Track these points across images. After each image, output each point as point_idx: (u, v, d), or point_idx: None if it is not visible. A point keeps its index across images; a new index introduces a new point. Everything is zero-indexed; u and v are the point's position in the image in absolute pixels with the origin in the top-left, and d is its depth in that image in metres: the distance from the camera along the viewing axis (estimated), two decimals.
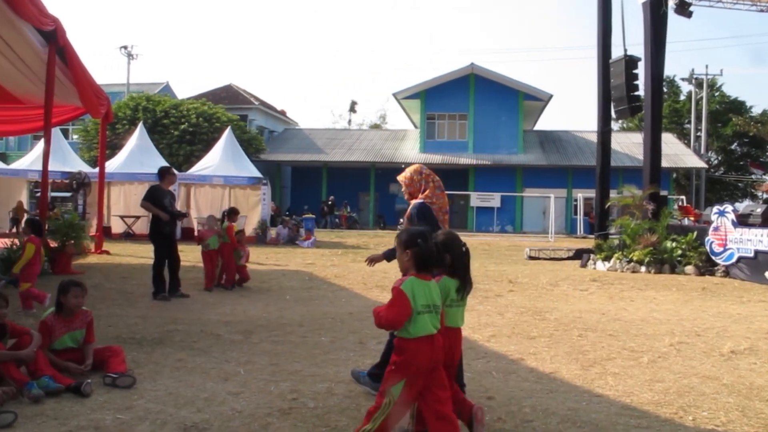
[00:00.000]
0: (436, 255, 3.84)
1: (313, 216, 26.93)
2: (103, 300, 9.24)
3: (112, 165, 22.01)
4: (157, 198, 9.64)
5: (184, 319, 7.98)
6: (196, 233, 22.10)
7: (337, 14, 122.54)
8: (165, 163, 17.55)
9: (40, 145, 16.70)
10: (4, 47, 11.39)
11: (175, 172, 10.55)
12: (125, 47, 46.00)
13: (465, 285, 4.15)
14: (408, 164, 5.51)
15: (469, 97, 40.05)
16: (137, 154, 22.82)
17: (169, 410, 4.52)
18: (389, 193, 41.31)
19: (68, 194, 23.17)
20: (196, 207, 23.10)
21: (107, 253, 16.04)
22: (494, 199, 37.97)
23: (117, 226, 22.66)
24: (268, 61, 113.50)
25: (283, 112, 51.69)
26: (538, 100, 40.85)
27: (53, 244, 12.23)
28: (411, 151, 40.54)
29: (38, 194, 16.93)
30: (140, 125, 25.38)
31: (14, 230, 20.84)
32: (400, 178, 5.26)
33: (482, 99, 39.75)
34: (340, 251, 19.51)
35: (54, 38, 11.25)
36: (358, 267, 14.77)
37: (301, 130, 47.30)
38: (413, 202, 5.13)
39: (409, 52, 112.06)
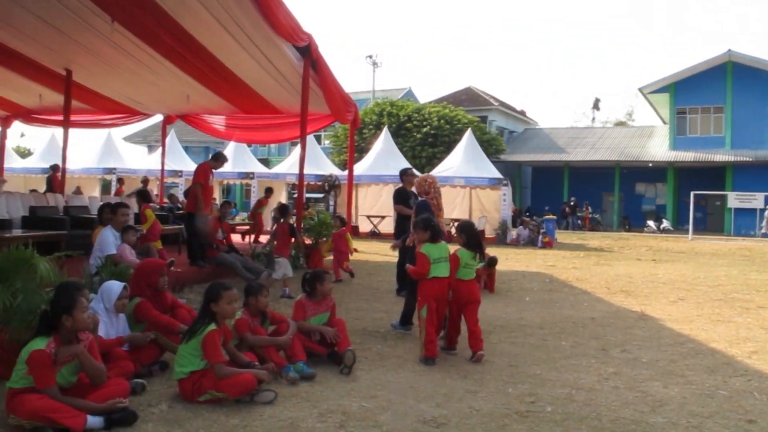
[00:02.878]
0: (438, 230, 6.36)
1: (554, 217, 26.34)
2: (350, 294, 9.82)
3: (359, 168, 23.27)
4: (404, 199, 10.02)
5: None
6: (445, 233, 22.77)
7: (577, 10, 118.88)
8: (409, 165, 18.21)
9: (297, 150, 18.15)
10: (266, 63, 12.62)
11: (415, 173, 10.88)
12: (370, 56, 48.53)
13: (476, 254, 6.39)
14: (656, 162, 5.27)
15: (726, 87, 36.48)
16: (383, 157, 23.94)
17: (409, 402, 4.69)
18: (635, 194, 39.17)
19: (321, 195, 24.90)
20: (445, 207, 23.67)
21: (355, 250, 16.96)
22: (757, 200, 34.17)
23: (364, 225, 23.93)
24: (507, 62, 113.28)
25: (522, 112, 51.21)
26: None
27: (308, 241, 13.19)
28: (659, 148, 37.92)
29: (295, 195, 18.43)
30: (385, 129, 26.58)
31: (275, 228, 22.80)
32: (416, 181, 8.18)
33: (742, 89, 35.97)
34: (582, 254, 18.88)
35: (308, 53, 12.20)
36: (601, 270, 14.20)
37: (541, 130, 46.52)
38: (420, 198, 7.83)
39: (657, 44, 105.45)
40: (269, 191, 19.21)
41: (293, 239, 10.92)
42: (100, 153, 26.31)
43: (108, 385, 4.24)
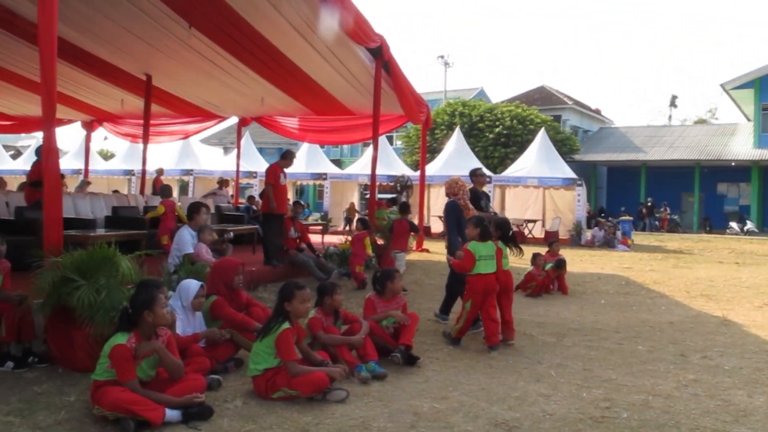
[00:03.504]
0: (488, 230, 6.73)
1: (631, 218, 25.67)
2: (422, 294, 9.81)
3: (431, 168, 23.21)
4: (474, 200, 9.94)
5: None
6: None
7: (655, 5, 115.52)
8: (480, 165, 18.10)
9: (369, 151, 18.25)
10: (338, 65, 12.75)
11: (485, 173, 10.78)
12: (442, 56, 48.40)
13: (511, 248, 7.03)
14: (739, 161, 5.09)
15: None
16: (455, 158, 23.84)
17: (481, 405, 4.65)
18: (717, 194, 37.74)
19: (392, 196, 24.98)
20: (510, 208, 23.45)
21: (427, 251, 16.95)
22: None
23: (436, 226, 23.87)
24: (581, 60, 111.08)
25: (597, 111, 50.08)
26: None
27: (380, 241, 13.24)
28: (743, 146, 36.35)
29: (367, 196, 18.52)
30: (457, 130, 26.47)
31: (347, 228, 23.02)
32: (446, 183, 8.48)
33: None
34: (660, 256, 18.33)
35: (380, 54, 12.27)
36: (680, 273, 13.76)
37: (616, 129, 45.38)
38: (450, 198, 8.19)
39: (740, 38, 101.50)
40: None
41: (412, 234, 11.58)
42: (178, 155, 27.09)
43: (185, 381, 4.36)
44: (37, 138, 30.79)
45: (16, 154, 36.73)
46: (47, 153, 5.84)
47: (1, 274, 5.69)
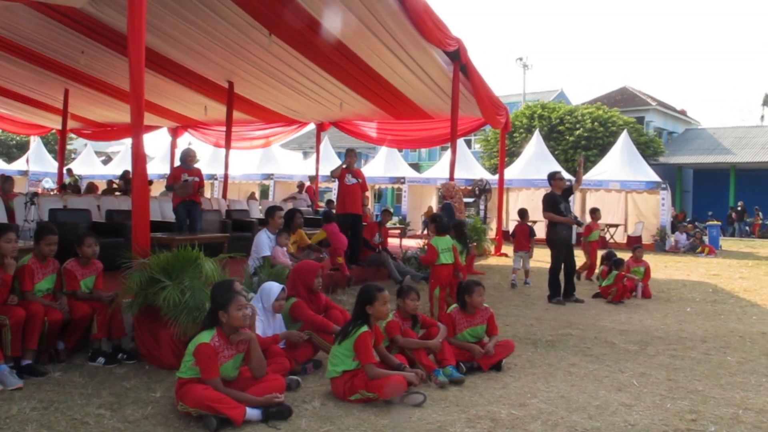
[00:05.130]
0: (446, 226, 7.96)
1: (719, 223, 24.70)
2: (501, 300, 9.71)
3: (510, 172, 22.97)
4: (553, 205, 9.79)
5: (579, 324, 7.98)
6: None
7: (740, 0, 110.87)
8: (560, 169, 17.79)
9: (447, 155, 18.20)
10: (416, 68, 12.78)
11: (564, 176, 10.60)
12: (520, 59, 47.83)
13: (462, 244, 8.49)
14: None
15: None
16: (534, 161, 23.51)
17: (560, 413, 4.56)
18: None
19: (471, 200, 24.81)
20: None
21: (506, 255, 16.79)
22: None
23: None
24: (665, 60, 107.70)
25: (683, 112, 48.41)
26: None
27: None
28: None
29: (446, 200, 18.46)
30: (536, 133, 26.11)
31: (425, 232, 23.00)
32: (443, 186, 9.29)
33: None
34: (751, 263, 17.55)
35: (457, 57, 12.24)
36: None
37: (704, 130, 43.72)
38: (445, 201, 9.36)
39: None
40: None
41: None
42: (259, 160, 27.68)
43: (266, 381, 4.45)
44: (126, 144, 32.05)
45: (107, 159, 38.33)
46: (135, 159, 6.08)
47: (93, 274, 5.95)
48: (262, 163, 27.56)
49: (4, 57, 13.73)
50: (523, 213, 12.70)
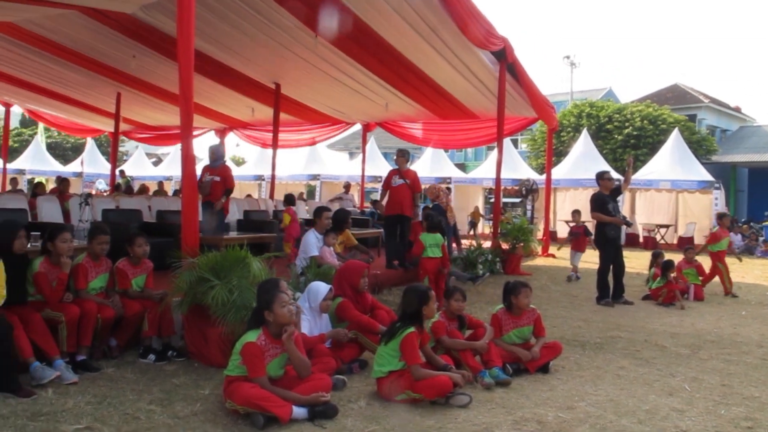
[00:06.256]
0: (437, 224, 9.01)
1: None
2: (548, 301, 9.60)
3: (558, 171, 22.69)
4: (601, 205, 9.65)
5: (628, 327, 7.84)
6: (641, 239, 21.64)
7: None
8: (608, 169, 17.54)
9: (494, 154, 18.10)
10: (462, 68, 12.73)
11: (613, 176, 10.42)
12: (567, 57, 47.21)
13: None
14: None
15: None
16: (582, 161, 23.17)
17: (609, 416, 4.48)
18: None
19: (518, 200, 24.58)
20: (641, 212, 22.54)
21: (553, 256, 16.61)
22: None
23: (562, 231, 23.26)
24: (718, 55, 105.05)
25: (737, 109, 47.11)
26: None
27: (504, 246, 13.11)
28: None
29: (492, 200, 18.36)
30: (584, 132, 25.73)
31: (472, 233, 22.88)
32: (429, 189, 10.90)
33: None
34: None
35: (503, 56, 12.14)
36: None
37: (759, 127, 42.39)
38: (434, 202, 10.63)
39: None
40: None
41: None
42: (305, 160, 27.89)
43: (312, 380, 4.48)
44: (176, 145, 32.62)
45: (158, 161, 39.06)
46: (185, 160, 6.18)
47: (144, 273, 6.07)
48: (308, 164, 27.75)
49: (60, 63, 14.14)
50: (576, 212, 13.15)
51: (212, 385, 4.94)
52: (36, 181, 26.19)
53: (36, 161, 29.47)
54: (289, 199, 12.16)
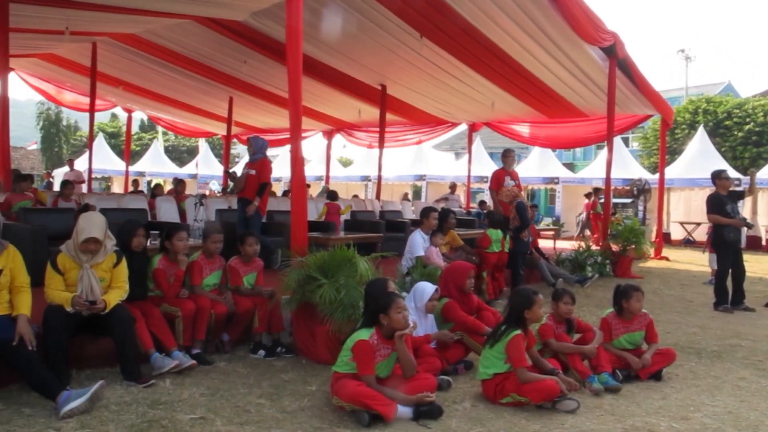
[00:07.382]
0: (497, 221, 9.35)
1: None
2: (661, 306, 9.23)
3: (672, 171, 21.82)
4: (718, 206, 9.19)
5: (749, 335, 7.41)
6: (764, 242, 20.46)
7: None
8: (727, 167, 16.70)
9: (603, 154, 17.60)
10: (570, 65, 12.45)
11: (730, 175, 9.85)
12: (682, 50, 45.30)
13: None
14: None
15: None
16: (698, 159, 22.13)
17: (728, 430, 4.26)
18: None
19: (629, 200, 23.77)
20: (764, 213, 21.30)
21: (666, 259, 15.98)
22: None
23: (676, 233, 22.37)
24: None
25: None
26: None
27: (615, 248, 12.72)
28: None
29: (602, 200, 17.84)
30: (700, 129, 24.56)
31: (581, 234, 22.31)
32: (505, 193, 9.95)
33: None
34: None
35: (613, 52, 11.78)
36: None
37: None
38: (518, 200, 9.74)
39: None
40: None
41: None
42: (411, 161, 28.04)
43: (417, 379, 4.50)
44: (284, 147, 33.53)
45: None
46: (294, 162, 6.37)
47: (255, 271, 6.28)
48: (414, 165, 27.89)
49: (176, 70, 14.88)
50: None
51: (319, 381, 5.04)
52: (155, 182, 27.64)
53: (155, 164, 31.21)
54: (332, 195, 12.98)
